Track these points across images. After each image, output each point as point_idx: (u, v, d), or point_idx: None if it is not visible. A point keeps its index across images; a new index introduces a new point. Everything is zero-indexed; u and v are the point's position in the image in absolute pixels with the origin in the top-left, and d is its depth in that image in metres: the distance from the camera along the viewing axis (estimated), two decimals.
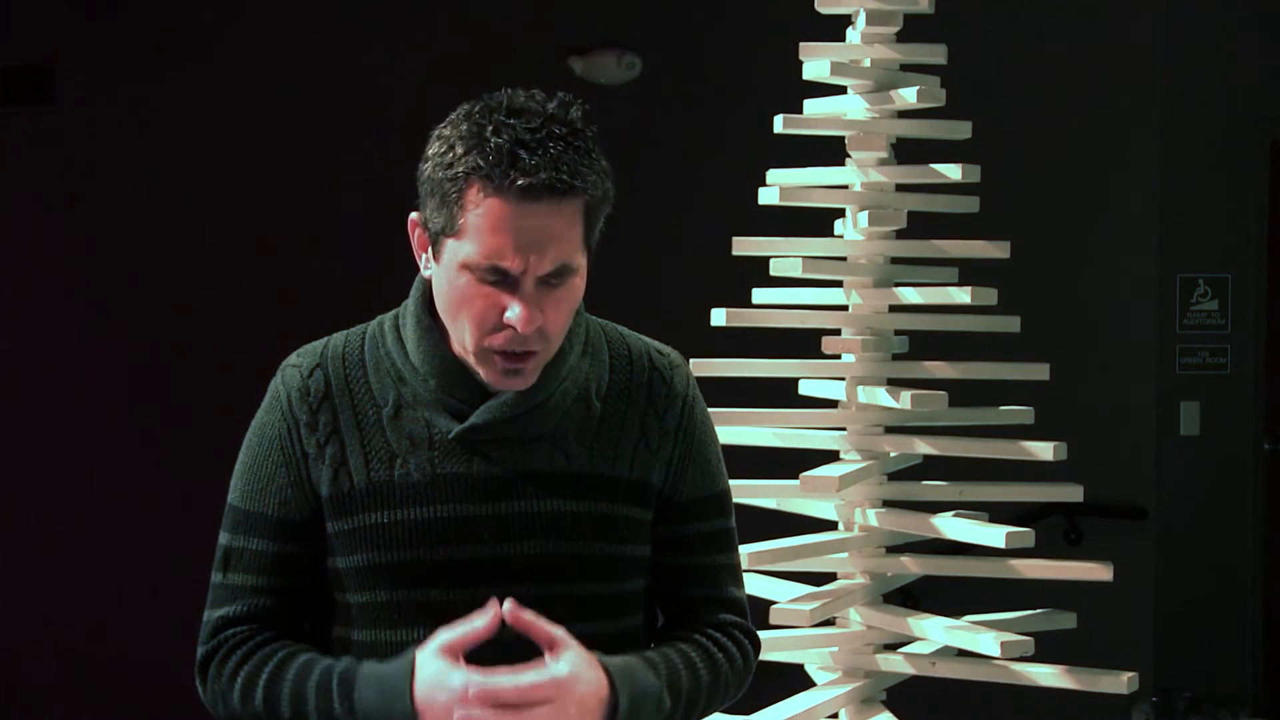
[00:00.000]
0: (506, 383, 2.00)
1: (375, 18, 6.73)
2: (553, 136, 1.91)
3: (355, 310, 2.34)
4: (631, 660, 2.02)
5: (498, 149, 1.89)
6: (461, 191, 1.92)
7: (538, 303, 1.94)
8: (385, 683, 1.94)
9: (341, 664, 2.01)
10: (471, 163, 1.90)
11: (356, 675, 1.97)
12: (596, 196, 1.96)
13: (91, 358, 6.96)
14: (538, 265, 1.92)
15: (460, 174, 1.91)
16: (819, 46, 3.56)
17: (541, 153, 1.89)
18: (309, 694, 1.99)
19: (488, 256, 1.92)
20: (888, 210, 3.59)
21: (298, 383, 2.08)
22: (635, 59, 6.43)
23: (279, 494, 2.06)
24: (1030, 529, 3.39)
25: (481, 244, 1.92)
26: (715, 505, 2.17)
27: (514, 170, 1.88)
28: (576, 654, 1.94)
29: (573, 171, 1.91)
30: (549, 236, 1.92)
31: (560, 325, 1.99)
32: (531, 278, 1.93)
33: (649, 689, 2.00)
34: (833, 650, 3.57)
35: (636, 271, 6.17)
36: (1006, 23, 6.03)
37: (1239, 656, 5.95)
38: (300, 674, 2.01)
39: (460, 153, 1.92)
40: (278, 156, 6.76)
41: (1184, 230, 5.87)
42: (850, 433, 3.61)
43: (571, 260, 1.95)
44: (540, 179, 1.88)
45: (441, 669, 1.91)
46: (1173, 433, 5.87)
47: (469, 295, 1.95)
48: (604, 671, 1.96)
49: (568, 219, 1.93)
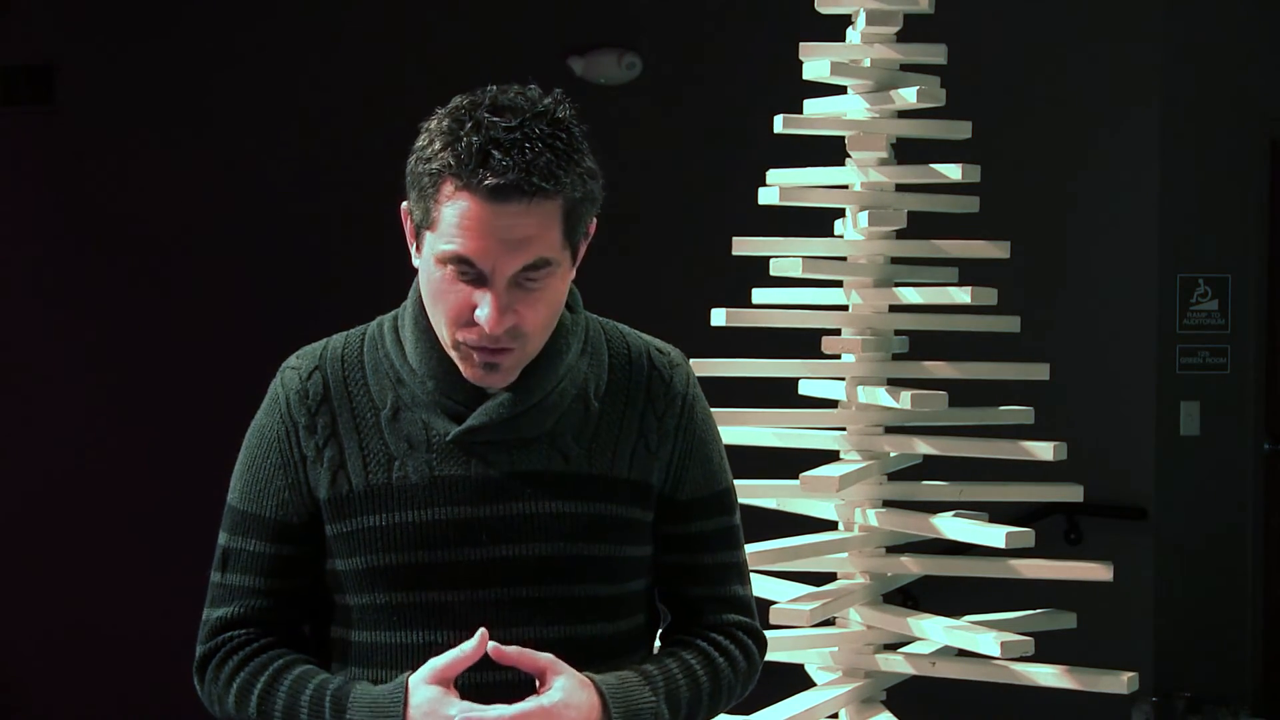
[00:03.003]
0: (484, 379, 2.00)
1: (376, 18, 6.73)
2: (531, 136, 1.90)
3: (356, 311, 2.34)
4: (627, 676, 2.02)
5: (469, 147, 1.90)
6: (437, 186, 1.93)
7: (510, 301, 1.94)
8: (377, 706, 1.95)
9: (335, 683, 2.01)
10: (445, 159, 1.92)
11: (349, 697, 1.97)
12: (575, 198, 1.95)
13: (91, 357, 6.96)
14: (507, 264, 1.92)
15: (435, 169, 1.93)
16: (819, 46, 3.56)
17: (516, 153, 1.89)
18: (301, 709, 1.99)
19: (456, 252, 1.92)
20: (888, 210, 3.59)
21: (296, 385, 2.08)
22: (635, 59, 6.42)
23: (277, 496, 2.06)
24: (1030, 529, 3.39)
25: (451, 239, 1.92)
26: (718, 503, 2.16)
27: (483, 169, 1.89)
28: (566, 678, 1.94)
29: (546, 173, 1.90)
30: (518, 236, 1.91)
31: (538, 324, 1.98)
32: (501, 277, 1.93)
33: (644, 706, 2.00)
34: (833, 650, 3.57)
35: (637, 271, 6.17)
36: (1006, 23, 6.03)
37: (1239, 656, 5.94)
38: (294, 688, 2.01)
39: (437, 148, 1.93)
40: (278, 156, 6.76)
41: (1184, 230, 5.87)
42: (850, 433, 3.61)
43: (545, 259, 1.94)
44: (509, 179, 1.88)
45: (436, 697, 1.92)
46: (1173, 433, 5.86)
47: (443, 289, 1.96)
48: (597, 691, 1.96)
49: (541, 219, 1.92)
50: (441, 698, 1.91)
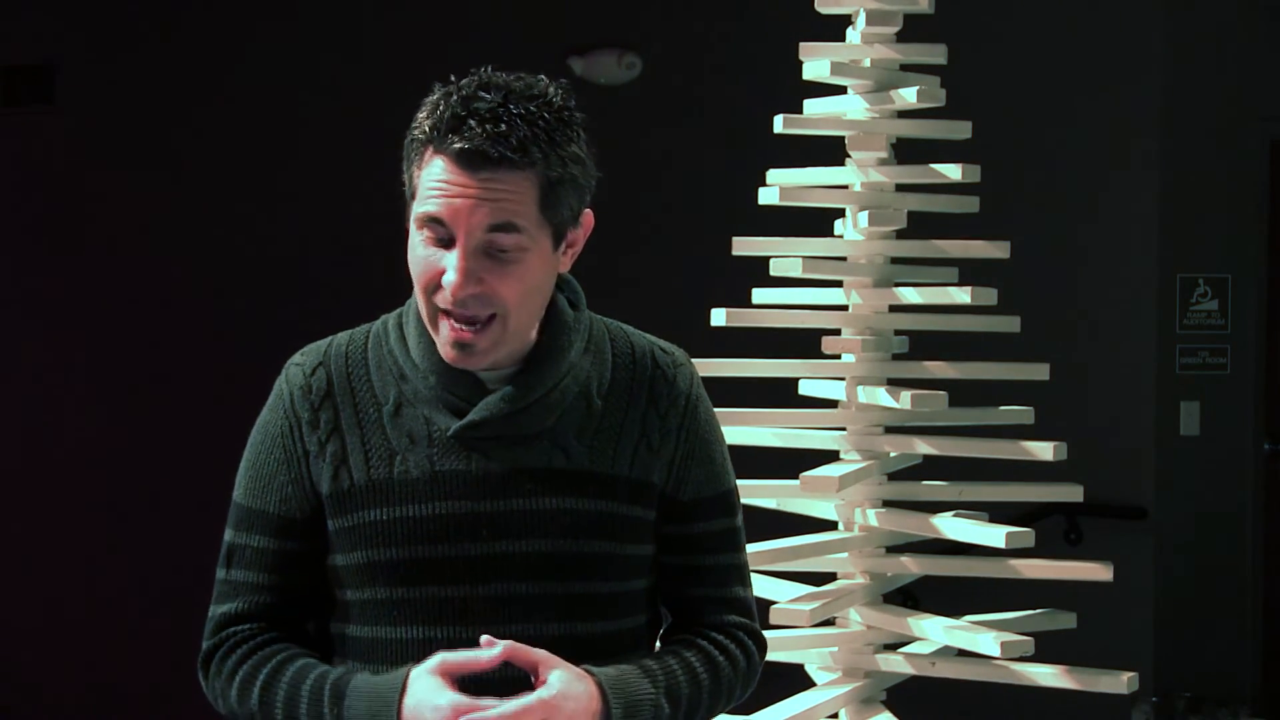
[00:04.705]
0: (459, 359, 2.00)
1: (376, 18, 6.73)
2: (511, 111, 1.93)
3: (361, 310, 2.34)
4: (626, 670, 2.02)
5: (445, 114, 1.94)
6: (419, 154, 1.98)
7: (478, 268, 1.95)
8: (375, 695, 1.95)
9: (336, 672, 2.01)
10: (424, 126, 1.97)
11: (348, 686, 1.98)
12: (551, 176, 1.96)
13: (92, 357, 6.96)
14: (472, 223, 1.93)
15: (417, 137, 1.98)
16: (819, 46, 3.56)
17: (492, 125, 1.92)
18: (302, 700, 2.00)
19: (428, 212, 1.95)
20: (888, 210, 3.59)
21: (300, 381, 2.09)
22: (635, 59, 6.43)
23: (280, 491, 2.07)
24: (1030, 529, 3.39)
25: (425, 201, 1.96)
26: (721, 504, 2.17)
27: (453, 134, 1.93)
28: (563, 671, 1.94)
29: (518, 145, 1.92)
30: (485, 198, 1.93)
31: (512, 300, 1.98)
32: (467, 236, 1.94)
33: (644, 700, 2.00)
34: (833, 650, 3.57)
35: (637, 271, 6.17)
36: (1006, 23, 6.03)
37: (1239, 656, 5.94)
38: (295, 679, 2.02)
39: (422, 117, 1.98)
40: (279, 156, 6.76)
41: (1184, 230, 5.87)
42: (850, 433, 3.61)
43: (513, 224, 1.95)
44: (476, 144, 1.91)
45: (432, 688, 1.91)
46: (1173, 433, 5.87)
47: (420, 255, 1.98)
48: (595, 684, 1.96)
49: (511, 190, 1.94)
50: (439, 689, 1.91)
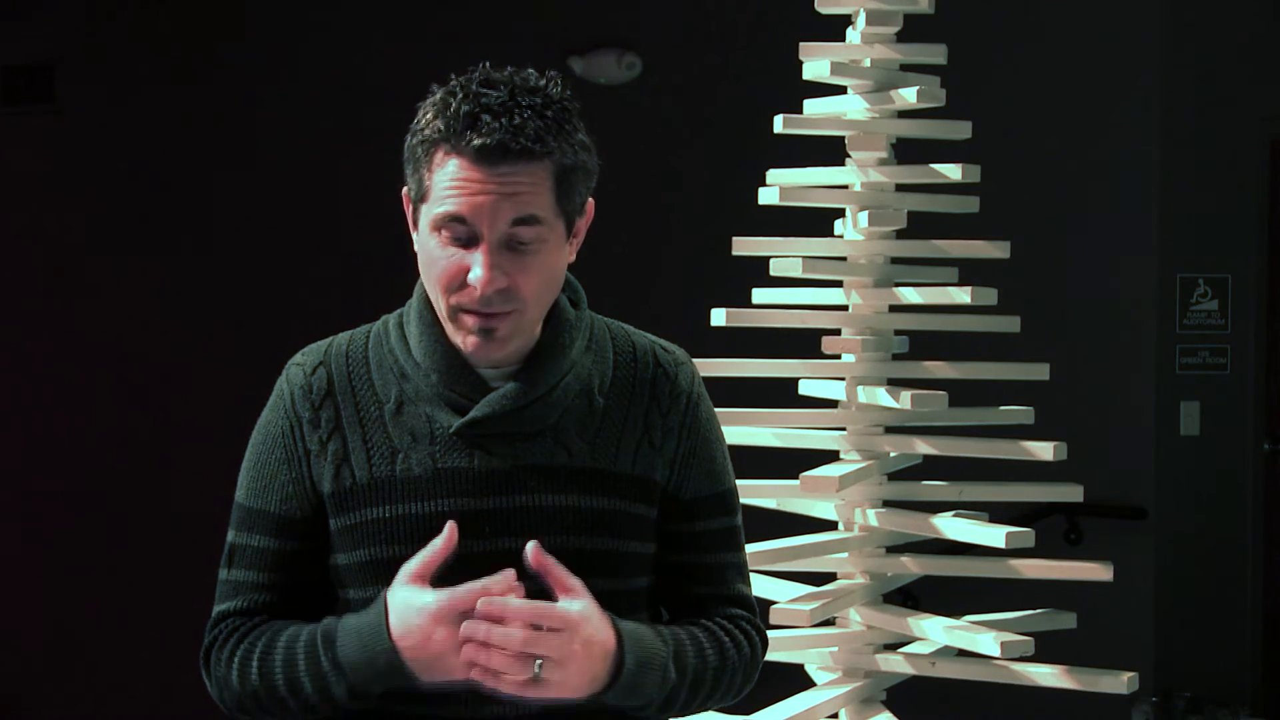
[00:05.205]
0: (481, 349, 2.01)
1: (375, 18, 6.73)
2: (520, 104, 1.95)
3: (362, 311, 2.34)
4: (642, 628, 2.03)
5: (457, 113, 1.94)
6: (430, 155, 1.97)
7: (502, 262, 1.96)
8: (363, 627, 1.96)
9: (321, 624, 2.03)
10: (436, 126, 1.96)
11: (336, 629, 1.99)
12: (565, 164, 1.97)
13: (93, 356, 6.96)
14: (497, 218, 1.94)
15: (427, 138, 1.97)
16: (819, 46, 3.57)
17: (506, 119, 1.93)
18: (299, 657, 2.00)
19: (449, 211, 1.95)
20: (888, 210, 3.59)
21: (301, 381, 2.09)
22: (635, 59, 6.43)
23: (281, 491, 2.07)
24: (1030, 529, 3.39)
25: (444, 201, 1.95)
26: (721, 503, 2.17)
27: (470, 132, 1.93)
28: (591, 603, 1.95)
29: (534, 136, 1.93)
30: (507, 192, 1.94)
31: (532, 292, 1.99)
32: (492, 232, 1.95)
33: (656, 656, 2.00)
34: (833, 650, 3.57)
35: (637, 271, 6.18)
36: (1006, 23, 6.03)
37: (1239, 656, 5.94)
38: (290, 641, 2.02)
39: (430, 118, 1.98)
40: (279, 156, 6.77)
41: (1184, 230, 5.87)
42: (850, 433, 3.61)
43: (535, 215, 1.96)
44: (495, 139, 1.92)
45: (410, 596, 1.93)
46: (1173, 433, 5.87)
47: (437, 255, 1.98)
48: (614, 628, 1.97)
49: (530, 182, 1.95)
50: (417, 594, 1.93)
